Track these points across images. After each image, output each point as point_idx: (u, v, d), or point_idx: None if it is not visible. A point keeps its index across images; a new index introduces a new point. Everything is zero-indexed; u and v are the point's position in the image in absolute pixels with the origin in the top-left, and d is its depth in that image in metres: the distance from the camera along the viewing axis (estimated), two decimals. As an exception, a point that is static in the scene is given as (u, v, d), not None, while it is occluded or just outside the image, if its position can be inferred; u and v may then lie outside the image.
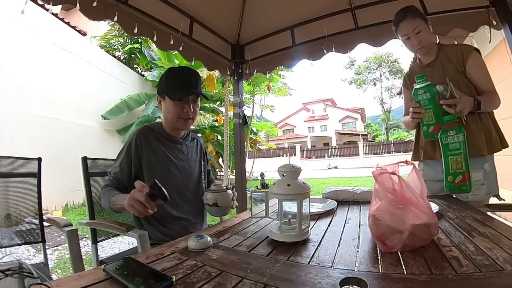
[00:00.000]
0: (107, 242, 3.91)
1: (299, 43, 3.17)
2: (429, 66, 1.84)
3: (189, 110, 1.56)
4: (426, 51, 1.82)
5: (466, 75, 1.72)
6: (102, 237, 1.74)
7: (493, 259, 0.70)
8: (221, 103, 9.39)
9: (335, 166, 25.86)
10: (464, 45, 1.82)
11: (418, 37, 1.74)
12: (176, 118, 1.57)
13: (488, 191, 1.65)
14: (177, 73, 1.59)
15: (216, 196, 1.37)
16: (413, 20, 1.73)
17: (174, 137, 1.66)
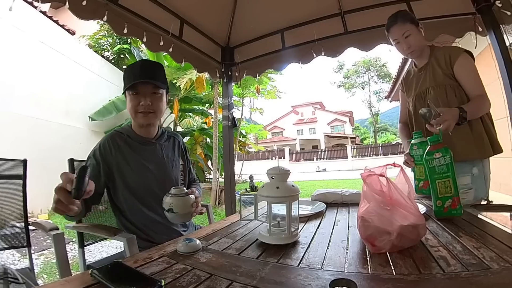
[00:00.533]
0: (95, 246, 3.81)
1: (289, 46, 3.19)
2: (422, 70, 1.85)
3: (145, 103, 1.44)
4: (417, 55, 1.83)
5: (455, 78, 1.71)
6: (89, 241, 1.70)
7: (480, 258, 0.71)
8: (210, 105, 9.34)
9: (324, 168, 26.01)
10: (454, 47, 1.81)
11: (408, 41, 1.75)
12: (134, 113, 1.47)
13: (476, 195, 1.64)
14: (132, 66, 1.53)
15: (172, 201, 1.22)
16: (403, 25, 1.74)
17: (145, 138, 1.56)
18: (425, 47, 1.84)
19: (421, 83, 1.84)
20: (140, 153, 1.51)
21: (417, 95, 1.86)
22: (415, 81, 1.90)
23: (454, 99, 1.68)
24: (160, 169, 1.55)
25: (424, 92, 1.81)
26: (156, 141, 1.60)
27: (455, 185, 1.08)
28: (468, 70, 1.69)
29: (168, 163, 1.61)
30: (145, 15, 2.41)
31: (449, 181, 1.09)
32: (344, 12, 2.90)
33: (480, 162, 1.68)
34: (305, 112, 48.83)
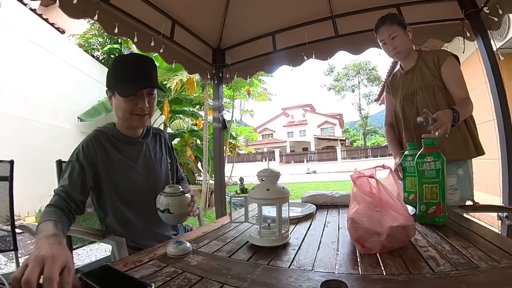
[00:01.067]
0: (83, 249, 3.77)
1: (280, 49, 3.21)
2: (409, 73, 1.88)
3: (143, 106, 1.34)
4: (402, 57, 1.86)
5: (442, 79, 1.76)
6: (77, 244, 1.66)
7: (468, 258, 0.72)
8: (200, 107, 9.31)
9: (314, 170, 26.13)
10: (442, 50, 1.87)
11: (394, 42, 1.79)
12: (129, 115, 1.35)
13: (462, 196, 1.69)
14: (126, 63, 1.37)
15: (168, 200, 1.15)
16: (390, 27, 1.78)
17: (131, 137, 1.45)
18: (412, 51, 1.88)
19: (408, 84, 1.87)
20: (127, 154, 1.41)
21: (404, 96, 1.89)
22: (402, 83, 1.93)
23: (442, 99, 1.72)
24: (148, 170, 1.46)
25: (412, 94, 1.84)
26: (142, 140, 1.50)
27: (442, 192, 1.07)
28: (454, 72, 1.74)
29: (157, 163, 1.52)
30: (137, 15, 2.40)
31: (437, 187, 1.07)
32: (335, 15, 2.94)
33: (465, 163, 1.73)
34: (296, 115, 49.02)
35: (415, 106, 1.80)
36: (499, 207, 1.71)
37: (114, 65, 1.36)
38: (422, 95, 1.78)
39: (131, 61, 1.37)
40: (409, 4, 2.66)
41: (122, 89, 1.30)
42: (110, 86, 1.36)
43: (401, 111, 1.91)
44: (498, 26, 2.35)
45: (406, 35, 1.80)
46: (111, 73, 1.36)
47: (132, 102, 1.32)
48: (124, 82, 1.31)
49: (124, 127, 1.43)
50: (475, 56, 2.63)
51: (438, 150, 1.09)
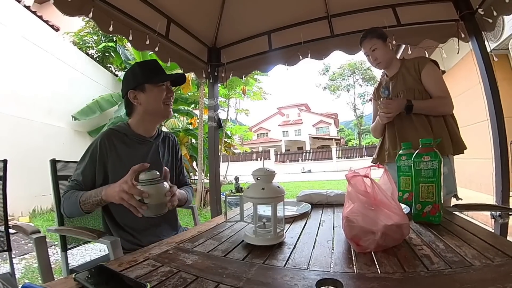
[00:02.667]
0: (78, 249, 3.73)
1: (276, 48, 3.21)
2: (393, 79, 2.06)
3: (171, 94, 1.50)
4: (383, 66, 2.07)
5: (422, 83, 1.94)
6: (72, 244, 1.65)
7: (462, 256, 0.73)
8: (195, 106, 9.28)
9: (309, 169, 26.20)
10: (421, 57, 2.02)
11: (374, 54, 2.01)
12: (162, 105, 1.47)
13: (448, 191, 1.83)
14: (149, 63, 1.51)
15: (144, 189, 1.03)
16: (370, 40, 2.00)
17: (143, 137, 1.50)
18: (394, 59, 2.08)
19: (392, 88, 2.05)
20: (137, 152, 1.46)
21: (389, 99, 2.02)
22: (387, 88, 2.11)
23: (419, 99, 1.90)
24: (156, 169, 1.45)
25: (395, 96, 2.01)
26: (154, 140, 1.55)
27: (438, 192, 1.07)
28: (433, 76, 1.94)
29: (164, 163, 1.56)
30: (132, 13, 2.38)
31: (433, 187, 1.08)
32: (331, 15, 2.95)
33: (448, 161, 1.86)
34: (291, 114, 49.08)
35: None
36: (493, 206, 1.73)
37: (139, 67, 1.48)
38: (404, 97, 1.95)
39: (153, 61, 1.51)
40: (405, 5, 2.68)
41: (157, 79, 1.45)
42: (138, 83, 1.44)
43: None
44: (493, 27, 2.38)
45: (386, 47, 2.00)
46: (138, 72, 1.46)
47: (163, 92, 1.46)
48: (155, 74, 1.46)
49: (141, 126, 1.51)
50: (470, 57, 2.65)
51: (435, 150, 1.09)
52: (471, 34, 2.42)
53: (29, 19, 6.63)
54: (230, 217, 1.21)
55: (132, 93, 1.45)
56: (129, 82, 1.47)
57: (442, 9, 2.57)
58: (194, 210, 2.11)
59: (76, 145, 7.54)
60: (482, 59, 2.35)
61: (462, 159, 1.84)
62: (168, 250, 0.90)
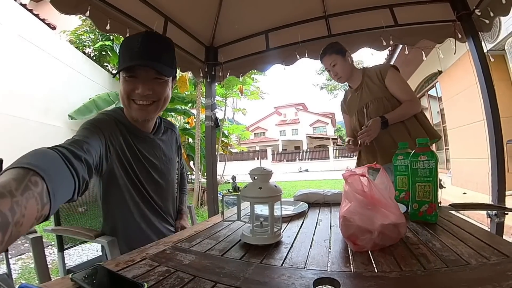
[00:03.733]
0: (74, 249, 3.72)
1: (273, 47, 3.21)
2: (358, 90, 2.13)
3: (142, 91, 1.11)
4: (344, 80, 2.16)
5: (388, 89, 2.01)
6: (69, 244, 1.63)
7: (458, 255, 0.73)
8: (193, 105, 9.25)
9: (306, 169, 26.23)
10: (381, 64, 2.10)
11: (334, 69, 2.10)
12: (128, 101, 1.15)
13: None
14: (131, 38, 1.14)
15: None
16: (329, 57, 2.09)
17: (142, 132, 1.27)
18: (354, 71, 2.15)
19: (359, 100, 2.11)
20: (137, 149, 1.24)
21: (358, 111, 2.13)
22: (353, 100, 2.18)
23: (390, 108, 1.98)
24: (162, 168, 1.35)
25: (364, 107, 2.07)
26: (154, 136, 1.33)
27: (435, 191, 1.08)
28: (397, 81, 2.01)
29: (167, 163, 1.39)
30: (129, 11, 2.37)
31: (429, 186, 1.09)
32: (329, 15, 2.95)
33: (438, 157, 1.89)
34: (288, 113, 49.10)
35: (368, 117, 2.02)
36: (489, 205, 1.75)
37: (121, 45, 1.16)
38: (373, 107, 2.03)
39: (138, 37, 1.12)
40: (402, 5, 2.69)
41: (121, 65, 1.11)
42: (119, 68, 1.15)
43: (358, 125, 2.13)
44: (489, 28, 2.39)
45: (345, 61, 2.09)
46: (119, 54, 1.17)
47: (129, 85, 1.11)
48: (124, 58, 1.12)
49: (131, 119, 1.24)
50: (466, 57, 2.67)
51: (432, 150, 1.10)
52: (468, 35, 2.44)
53: (25, 17, 6.58)
54: (227, 217, 1.21)
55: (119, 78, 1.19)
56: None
57: (439, 10, 2.58)
58: (191, 210, 2.10)
59: None
60: (479, 59, 2.37)
61: (459, 159, 1.87)
62: (165, 250, 0.90)
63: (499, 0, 2.16)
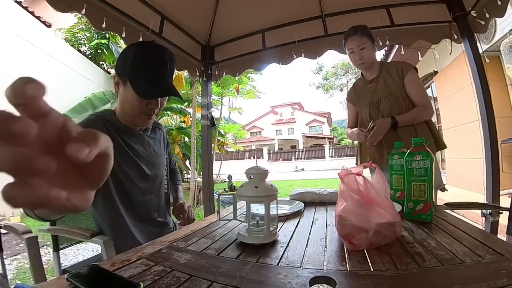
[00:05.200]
0: (70, 249, 3.69)
1: (270, 47, 3.21)
2: (372, 82, 2.05)
3: (155, 107, 1.26)
4: (366, 67, 2.03)
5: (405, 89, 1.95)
6: (64, 244, 1.62)
7: (453, 253, 0.74)
8: (189, 104, 9.26)
9: (302, 168, 26.25)
10: (403, 62, 2.01)
11: (361, 53, 1.96)
12: (137, 114, 1.26)
13: (436, 185, 1.84)
14: (150, 55, 1.23)
15: None
16: (361, 38, 1.94)
17: (131, 129, 1.33)
18: (375, 62, 2.04)
19: (373, 93, 2.03)
20: (126, 146, 1.29)
21: (370, 104, 2.05)
22: (367, 92, 2.09)
23: (405, 107, 1.94)
24: (150, 164, 1.38)
25: (377, 102, 2.01)
26: (143, 133, 1.40)
27: (430, 190, 1.09)
28: (416, 83, 1.96)
29: (156, 158, 1.44)
30: (125, 9, 2.35)
31: (425, 186, 1.09)
32: (325, 15, 2.96)
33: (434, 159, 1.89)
34: (284, 113, 49.13)
35: (380, 112, 1.98)
36: (483, 205, 1.77)
37: (135, 52, 1.22)
38: (388, 103, 1.96)
39: (157, 54, 1.23)
40: (399, 5, 2.71)
41: (141, 87, 1.18)
42: (124, 74, 1.23)
43: (367, 118, 2.06)
44: (485, 29, 2.42)
45: (373, 48, 1.99)
46: (130, 61, 1.21)
47: (144, 102, 1.23)
48: (144, 78, 1.19)
49: (125, 120, 1.31)
50: (462, 58, 2.70)
51: (427, 149, 1.11)
52: (464, 36, 2.46)
53: (21, 15, 6.52)
54: (223, 216, 1.21)
55: (116, 78, 1.28)
56: (120, 62, 1.27)
57: (436, 10, 2.60)
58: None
59: None
60: (474, 60, 2.39)
61: (454, 158, 1.90)
62: (161, 249, 0.89)
63: (495, 2, 2.18)
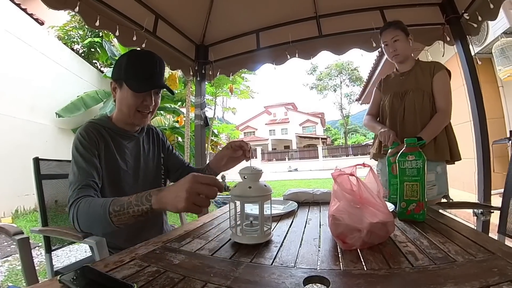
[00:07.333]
0: (62, 250, 3.62)
1: (264, 47, 3.22)
2: (404, 75, 2.06)
3: (149, 103, 1.34)
4: (400, 59, 2.04)
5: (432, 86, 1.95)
6: (56, 245, 1.60)
7: (445, 252, 0.75)
8: (182, 103, 9.19)
9: (296, 168, 26.33)
10: (438, 62, 2.01)
11: (395, 45, 1.98)
12: (134, 111, 1.33)
13: (439, 191, 1.87)
14: (141, 58, 1.35)
15: None
16: (394, 31, 1.97)
17: (127, 132, 1.41)
18: (410, 57, 2.06)
19: (401, 84, 2.04)
20: (122, 148, 1.37)
21: (395, 93, 2.06)
22: (395, 82, 2.10)
23: (428, 104, 1.93)
24: (140, 165, 1.44)
25: (403, 93, 2.02)
26: (138, 135, 1.47)
27: (422, 190, 1.10)
28: (443, 84, 1.94)
29: (149, 159, 1.51)
30: (119, 8, 2.34)
31: (417, 185, 1.10)
32: (320, 16, 2.97)
33: (443, 162, 1.92)
34: (278, 113, 49.23)
35: (403, 103, 1.99)
36: (475, 204, 1.79)
37: (128, 58, 1.33)
38: (412, 95, 1.97)
39: (147, 57, 1.35)
40: (392, 7, 2.74)
41: (135, 84, 1.29)
42: (119, 78, 1.33)
43: (390, 106, 2.07)
44: (477, 32, 2.45)
45: (407, 41, 1.99)
46: (124, 66, 1.32)
47: (139, 98, 1.31)
48: (137, 77, 1.30)
49: (123, 122, 1.39)
50: (454, 60, 2.73)
51: (419, 150, 1.12)
52: (456, 38, 2.50)
53: (13, 12, 6.40)
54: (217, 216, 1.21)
55: (113, 84, 1.37)
56: (114, 69, 1.38)
57: (429, 13, 2.64)
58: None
59: (60, 143, 7.33)
60: (466, 62, 2.43)
61: (446, 159, 1.91)
62: (155, 250, 0.89)
63: (487, 5, 2.21)
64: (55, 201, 1.63)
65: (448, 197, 1.90)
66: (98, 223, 1.02)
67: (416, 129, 1.90)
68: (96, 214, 0.99)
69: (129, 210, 0.94)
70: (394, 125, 2.00)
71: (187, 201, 0.80)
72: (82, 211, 1.04)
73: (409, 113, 1.96)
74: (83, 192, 1.11)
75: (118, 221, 0.97)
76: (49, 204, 1.57)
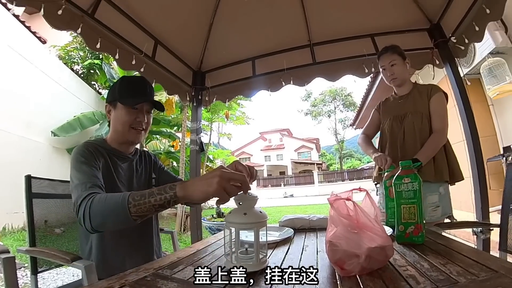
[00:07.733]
0: (49, 273, 3.46)
1: (259, 74, 3.27)
2: (402, 98, 2.11)
3: (142, 120, 1.43)
4: (398, 83, 2.11)
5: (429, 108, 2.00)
6: (43, 267, 1.54)
7: (447, 274, 0.73)
8: (178, 128, 9.22)
9: (291, 194, 26.19)
10: (435, 85, 2.08)
11: (392, 69, 2.04)
12: (128, 128, 1.41)
13: (443, 212, 1.88)
14: (132, 81, 1.48)
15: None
16: (391, 55, 2.04)
17: (122, 153, 1.47)
18: (408, 80, 2.13)
19: (400, 108, 2.09)
20: (117, 168, 1.42)
21: (394, 117, 2.11)
22: (394, 105, 2.15)
23: (427, 125, 1.98)
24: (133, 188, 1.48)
25: (402, 116, 2.07)
26: (132, 157, 1.54)
27: (420, 212, 1.09)
28: (439, 106, 1.99)
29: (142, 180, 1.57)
30: (120, 32, 2.38)
31: (414, 208, 1.10)
32: (313, 44, 3.06)
33: (446, 183, 1.93)
34: (273, 139, 49.48)
35: (403, 126, 2.04)
36: (474, 223, 1.78)
37: (120, 81, 1.46)
38: (411, 118, 2.01)
39: (138, 80, 1.51)
40: (383, 34, 2.84)
41: (129, 100, 1.39)
42: (113, 100, 1.43)
43: (389, 130, 2.12)
44: (465, 54, 2.54)
45: (404, 65, 2.06)
46: (116, 88, 1.44)
47: (132, 115, 1.40)
48: (129, 95, 1.41)
49: (117, 142, 1.46)
50: (444, 82, 2.80)
51: (415, 172, 1.12)
52: (445, 61, 2.58)
53: (17, 28, 6.52)
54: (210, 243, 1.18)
55: (108, 107, 1.46)
56: (109, 93, 1.49)
57: (418, 38, 2.73)
58: (173, 235, 2.05)
59: (53, 162, 7.26)
60: (456, 83, 2.50)
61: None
62: (146, 277, 0.85)
63: (473, 28, 2.29)
64: (45, 221, 1.59)
65: (452, 217, 1.91)
66: (113, 215, 0.98)
67: (416, 151, 1.91)
68: (112, 204, 0.97)
69: (151, 199, 0.93)
70: (395, 148, 2.03)
71: (219, 184, 0.83)
72: (97, 203, 1.01)
73: (409, 136, 1.99)
74: (94, 190, 1.11)
75: (136, 212, 0.94)
76: (38, 223, 1.54)
